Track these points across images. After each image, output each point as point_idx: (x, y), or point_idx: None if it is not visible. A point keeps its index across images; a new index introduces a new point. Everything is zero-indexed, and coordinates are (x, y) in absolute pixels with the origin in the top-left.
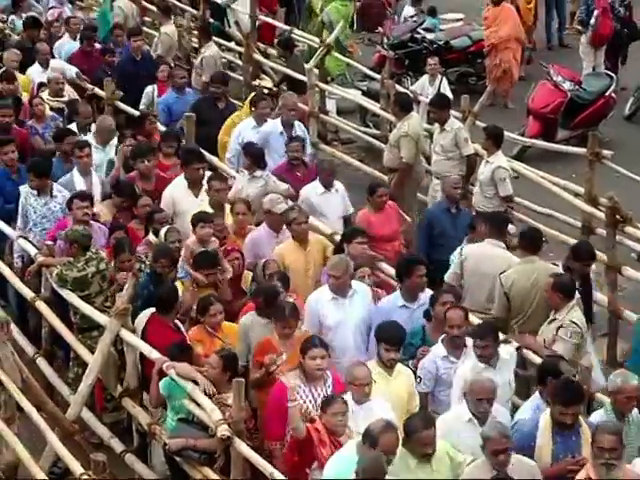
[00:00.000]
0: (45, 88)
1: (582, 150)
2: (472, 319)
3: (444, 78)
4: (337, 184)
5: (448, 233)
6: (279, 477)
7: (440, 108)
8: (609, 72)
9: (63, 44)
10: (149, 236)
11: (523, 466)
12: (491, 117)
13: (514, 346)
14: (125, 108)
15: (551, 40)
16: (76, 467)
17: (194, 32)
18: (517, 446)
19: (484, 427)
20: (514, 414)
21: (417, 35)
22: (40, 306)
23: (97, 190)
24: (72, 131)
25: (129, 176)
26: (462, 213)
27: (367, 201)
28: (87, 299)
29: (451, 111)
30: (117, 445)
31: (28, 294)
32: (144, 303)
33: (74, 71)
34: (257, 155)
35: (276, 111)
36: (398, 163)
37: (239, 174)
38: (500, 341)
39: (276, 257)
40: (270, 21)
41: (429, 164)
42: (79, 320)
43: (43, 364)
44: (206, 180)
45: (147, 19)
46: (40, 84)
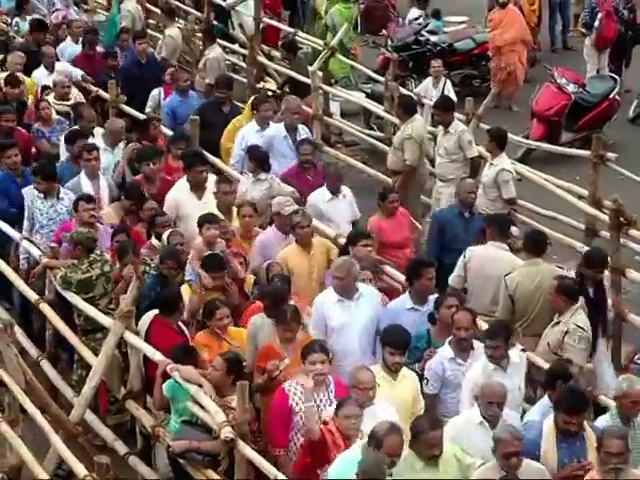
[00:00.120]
0: (49, 91)
1: (586, 153)
2: (479, 322)
3: (448, 81)
4: (344, 189)
5: (460, 237)
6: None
7: (444, 111)
8: (613, 75)
9: (65, 47)
10: (151, 240)
11: (532, 469)
12: (495, 120)
13: (518, 348)
14: (130, 111)
15: (555, 43)
16: (80, 469)
17: (197, 35)
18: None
19: (496, 429)
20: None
21: (421, 37)
22: (44, 308)
23: (105, 193)
24: (84, 133)
25: (135, 179)
26: (475, 218)
27: (378, 207)
28: (91, 301)
29: (455, 114)
30: (121, 447)
31: (32, 296)
32: (151, 305)
33: (80, 73)
34: (261, 158)
35: (279, 114)
36: (402, 166)
37: (243, 176)
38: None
39: (280, 260)
40: (274, 23)
41: (433, 167)
42: (83, 322)
43: (47, 366)
44: (214, 183)
45: (151, 21)
46: (44, 87)
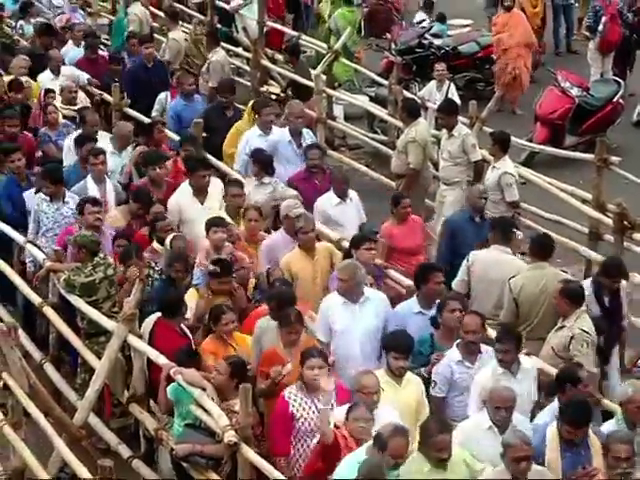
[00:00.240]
0: (53, 94)
1: (590, 156)
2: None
3: (452, 84)
4: (351, 193)
5: (471, 242)
6: None
7: (448, 114)
8: (617, 78)
9: (67, 51)
10: (153, 244)
11: (540, 475)
12: (499, 123)
13: (522, 352)
14: (135, 115)
15: (559, 46)
16: (83, 473)
17: (200, 38)
18: None
19: (505, 434)
20: None
21: (425, 41)
22: (48, 311)
23: (111, 197)
24: (91, 137)
25: (141, 182)
26: (485, 223)
27: (391, 213)
28: (95, 304)
29: (459, 117)
30: (124, 450)
31: (36, 299)
32: (159, 308)
33: (86, 77)
34: (265, 162)
35: (282, 118)
36: (405, 169)
37: (246, 180)
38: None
39: (283, 266)
40: (278, 27)
41: (437, 170)
42: (86, 325)
43: (50, 369)
44: (224, 186)
45: (155, 25)
46: (47, 90)
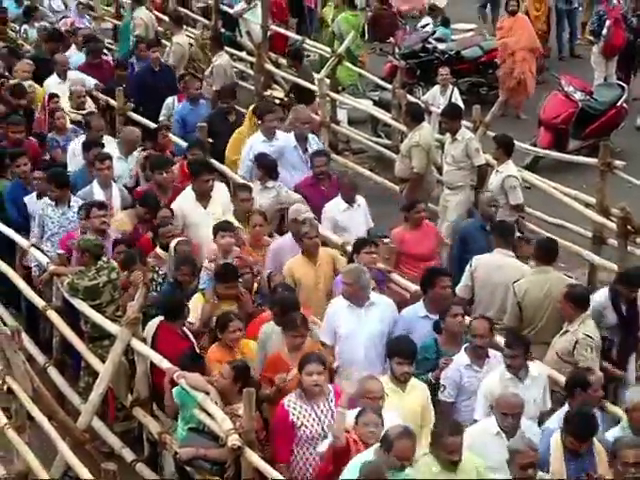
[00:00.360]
0: (57, 99)
1: (593, 160)
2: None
3: (455, 88)
4: (359, 199)
5: (482, 250)
6: None
7: (452, 118)
8: (621, 82)
9: (71, 55)
10: (156, 249)
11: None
12: (502, 127)
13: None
14: (140, 119)
15: (562, 50)
16: (87, 476)
17: (207, 43)
18: None
19: (510, 441)
20: None
21: (428, 45)
22: (51, 315)
23: (117, 202)
24: (98, 142)
25: (147, 186)
26: None
27: (404, 218)
28: (98, 308)
29: (462, 121)
30: (128, 454)
31: (39, 303)
32: None
33: (93, 82)
34: (269, 166)
35: (286, 123)
36: (409, 173)
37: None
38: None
39: (286, 271)
40: (282, 31)
41: (440, 174)
42: (90, 329)
43: (54, 373)
44: (232, 190)
45: (159, 29)
46: (51, 95)
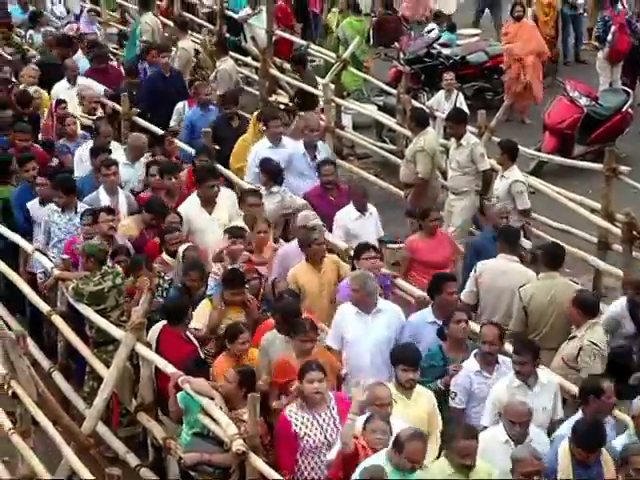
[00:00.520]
0: (65, 105)
1: (599, 166)
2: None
3: (460, 93)
4: (370, 207)
5: None
6: None
7: (457, 123)
8: (626, 88)
9: (77, 60)
10: (162, 255)
11: None
12: (507, 132)
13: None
14: (146, 125)
15: (567, 56)
16: None
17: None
18: None
19: (514, 449)
20: None
21: (433, 50)
22: (56, 320)
23: (124, 208)
24: (105, 148)
25: (150, 192)
26: None
27: (419, 227)
28: (103, 313)
29: (467, 126)
30: (132, 459)
31: (44, 308)
32: None
33: (102, 88)
34: (273, 171)
35: (291, 128)
36: (414, 178)
37: None
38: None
39: (290, 278)
40: (287, 36)
41: (445, 179)
42: (95, 334)
43: (59, 378)
44: (240, 195)
45: (165, 34)
46: (58, 101)
